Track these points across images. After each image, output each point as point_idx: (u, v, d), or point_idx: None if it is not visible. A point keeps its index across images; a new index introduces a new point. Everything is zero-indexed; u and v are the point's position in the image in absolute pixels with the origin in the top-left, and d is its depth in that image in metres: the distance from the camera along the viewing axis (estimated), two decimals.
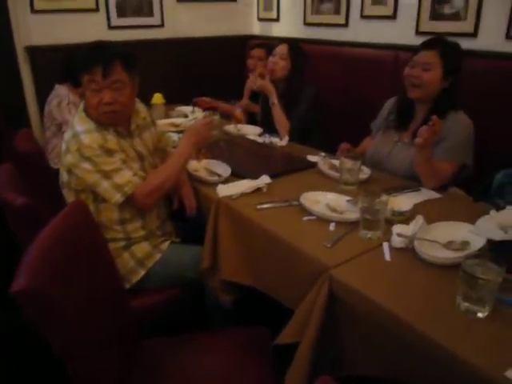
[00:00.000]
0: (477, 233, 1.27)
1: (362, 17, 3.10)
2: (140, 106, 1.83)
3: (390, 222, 1.45)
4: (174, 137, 2.33)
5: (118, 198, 1.61)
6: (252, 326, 1.58)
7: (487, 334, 1.04)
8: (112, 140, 1.63)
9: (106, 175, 1.58)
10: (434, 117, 1.63)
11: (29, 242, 1.42)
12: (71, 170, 1.60)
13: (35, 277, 0.96)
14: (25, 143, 2.13)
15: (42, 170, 2.22)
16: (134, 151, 1.72)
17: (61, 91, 2.84)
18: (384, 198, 1.39)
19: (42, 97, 2.99)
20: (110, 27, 3.44)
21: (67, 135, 1.62)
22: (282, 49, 2.59)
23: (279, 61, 2.58)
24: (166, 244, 1.80)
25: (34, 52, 3.17)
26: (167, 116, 2.95)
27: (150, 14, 3.60)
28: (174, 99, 3.12)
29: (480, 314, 1.08)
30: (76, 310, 1.05)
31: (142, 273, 1.72)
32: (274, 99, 2.55)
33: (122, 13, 3.46)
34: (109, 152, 1.60)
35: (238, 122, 2.72)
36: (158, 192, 1.69)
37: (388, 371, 1.18)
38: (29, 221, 1.37)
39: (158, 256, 1.75)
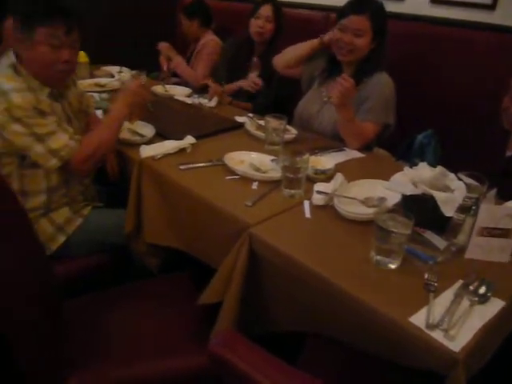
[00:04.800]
0: (390, 188, 1.31)
1: None
2: None
3: (312, 181, 1.47)
4: (96, 97, 2.22)
5: (54, 162, 1.50)
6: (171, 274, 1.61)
7: (396, 283, 1.08)
8: (45, 101, 1.50)
9: (40, 138, 1.46)
10: (343, 74, 1.66)
11: None
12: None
13: None
14: None
15: None
16: (64, 114, 1.61)
17: None
18: (305, 156, 1.39)
19: None
20: None
21: None
22: (266, 10, 2.45)
23: (265, 24, 2.45)
24: (88, 209, 1.72)
25: None
26: (92, 76, 2.79)
27: None
28: (99, 58, 2.95)
29: (391, 266, 1.12)
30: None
31: (63, 239, 1.63)
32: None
33: None
34: (42, 114, 1.47)
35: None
36: (94, 157, 1.59)
37: (308, 324, 1.21)
38: None
39: (79, 221, 1.67)
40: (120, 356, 1.30)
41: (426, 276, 1.08)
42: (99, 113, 2.01)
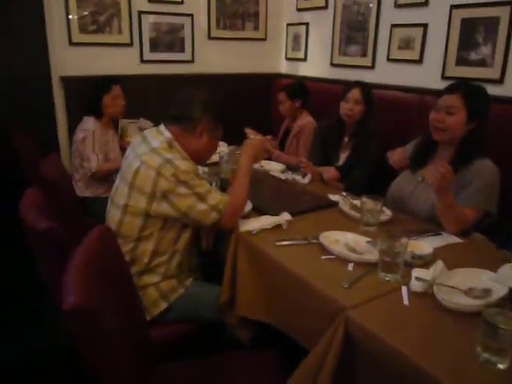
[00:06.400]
0: (499, 281, 1.24)
1: (389, 60, 3.15)
2: None
3: (409, 266, 1.43)
4: (200, 170, 2.36)
5: (213, 216, 1.66)
6: (258, 349, 1.62)
7: None
8: (196, 168, 1.72)
9: (201, 197, 1.64)
10: (443, 162, 1.67)
11: (49, 265, 1.46)
12: (166, 195, 1.60)
13: (82, 295, 0.98)
14: (52, 169, 2.18)
15: (66, 196, 2.27)
16: None
17: (87, 125, 2.93)
18: (404, 240, 1.38)
19: (73, 125, 3.09)
20: (143, 61, 3.58)
21: (155, 162, 1.60)
22: (355, 94, 2.56)
23: (354, 106, 2.56)
24: (190, 280, 1.80)
25: (68, 82, 3.31)
26: None
27: (182, 49, 3.73)
28: None
29: (500, 366, 1.04)
30: (111, 330, 1.07)
31: (164, 306, 1.70)
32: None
33: (154, 48, 3.60)
34: (198, 176, 1.68)
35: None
36: (240, 210, 1.76)
37: None
38: (50, 245, 1.39)
39: (181, 291, 1.75)
40: None
41: None
42: None
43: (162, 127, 1.74)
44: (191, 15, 3.69)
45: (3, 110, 3.06)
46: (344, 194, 2.08)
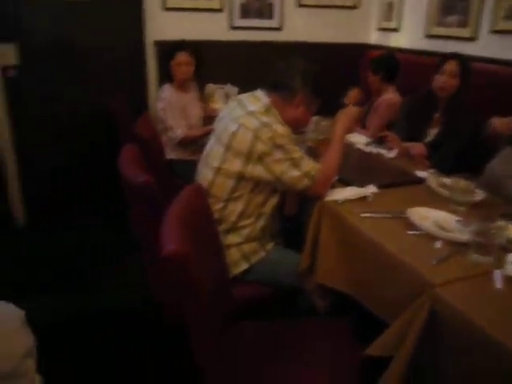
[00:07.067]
0: None
1: (493, 31, 2.92)
2: None
3: (503, 250, 1.37)
4: None
5: (305, 182, 1.69)
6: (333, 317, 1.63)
7: None
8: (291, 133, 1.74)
9: (295, 163, 1.67)
10: None
11: (143, 219, 1.56)
12: (262, 158, 1.63)
13: (180, 245, 1.05)
14: (145, 128, 2.29)
15: (157, 156, 2.38)
16: None
17: (164, 93, 3.02)
18: (502, 223, 1.31)
19: None
20: (232, 27, 3.59)
21: (252, 124, 1.63)
22: (451, 66, 2.42)
23: (449, 80, 2.41)
24: (271, 245, 1.84)
25: (161, 46, 3.40)
26: None
27: (270, 16, 3.70)
28: None
29: None
30: (202, 281, 1.13)
31: (245, 266, 1.76)
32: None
33: (244, 14, 3.60)
34: (293, 141, 1.70)
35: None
36: (332, 179, 1.77)
37: None
38: (146, 199, 1.48)
39: (262, 254, 1.79)
40: None
41: None
42: None
43: (258, 92, 1.77)
44: None
45: (99, 73, 3.23)
46: (431, 171, 2.00)
